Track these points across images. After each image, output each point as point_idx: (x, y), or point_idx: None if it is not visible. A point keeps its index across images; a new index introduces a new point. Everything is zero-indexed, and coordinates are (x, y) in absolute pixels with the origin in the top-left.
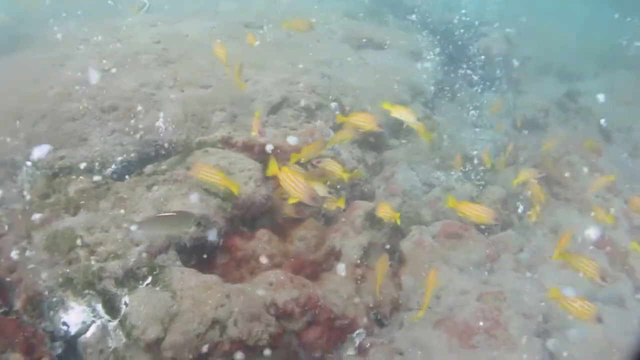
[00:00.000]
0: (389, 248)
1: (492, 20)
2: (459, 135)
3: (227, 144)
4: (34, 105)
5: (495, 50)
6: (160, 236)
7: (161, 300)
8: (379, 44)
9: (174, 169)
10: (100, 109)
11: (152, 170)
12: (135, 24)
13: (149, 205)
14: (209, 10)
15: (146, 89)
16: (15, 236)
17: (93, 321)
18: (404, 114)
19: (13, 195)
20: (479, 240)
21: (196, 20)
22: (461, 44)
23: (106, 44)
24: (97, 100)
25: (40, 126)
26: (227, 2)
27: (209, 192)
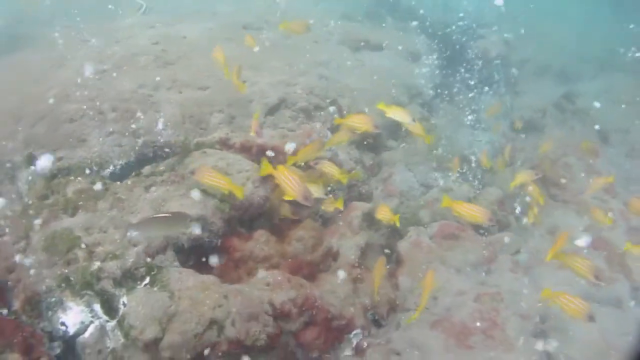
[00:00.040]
0: (386, 248)
1: (491, 22)
2: (457, 137)
3: (225, 145)
4: (32, 107)
5: (493, 52)
6: (158, 237)
7: (159, 301)
8: (377, 45)
9: (172, 170)
10: (99, 110)
11: (150, 171)
12: (133, 25)
13: (147, 206)
14: (207, 11)
15: (144, 90)
16: (14, 237)
17: (91, 321)
18: (400, 114)
19: (12, 196)
20: (476, 241)
21: (194, 22)
22: (459, 46)
23: (105, 45)
24: (96, 101)
25: (39, 127)
26: (225, 4)
27: (207, 193)
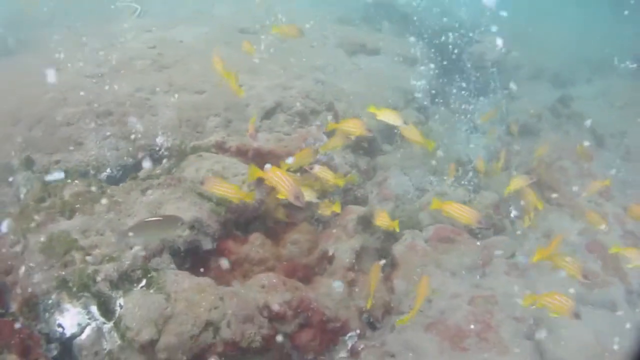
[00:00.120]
0: (381, 252)
1: (487, 25)
2: (453, 141)
3: (221, 148)
4: (29, 110)
5: (488, 56)
6: (153, 240)
7: (155, 303)
8: (373, 49)
9: (168, 173)
10: (96, 113)
11: (147, 175)
12: (130, 29)
13: (143, 209)
14: (204, 15)
15: (141, 94)
16: (12, 239)
17: (88, 323)
18: (390, 117)
19: (9, 198)
20: (472, 245)
21: (191, 26)
22: (455, 50)
23: (102, 49)
24: (93, 105)
25: (36, 130)
26: (222, 7)
27: (203, 196)
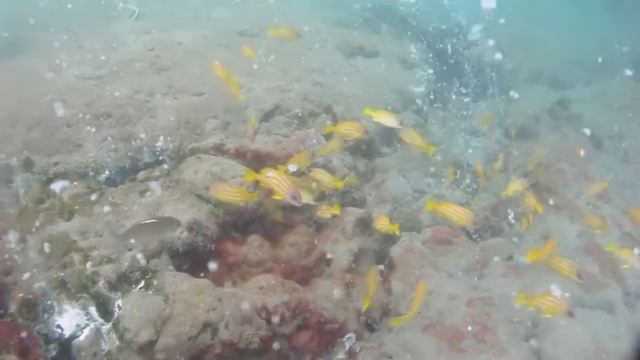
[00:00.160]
0: (379, 254)
1: (485, 27)
2: (451, 143)
3: (220, 150)
4: (28, 111)
5: (486, 59)
6: (150, 242)
7: (154, 304)
8: (372, 52)
9: (167, 175)
10: (95, 115)
11: (145, 176)
12: (129, 31)
13: (141, 210)
14: (202, 17)
15: (140, 96)
16: (11, 240)
17: (87, 324)
18: (386, 118)
19: (8, 199)
20: (469, 247)
21: (189, 28)
22: (453, 52)
23: (101, 51)
24: (92, 107)
25: (35, 132)
26: (220, 10)
27: (201, 198)
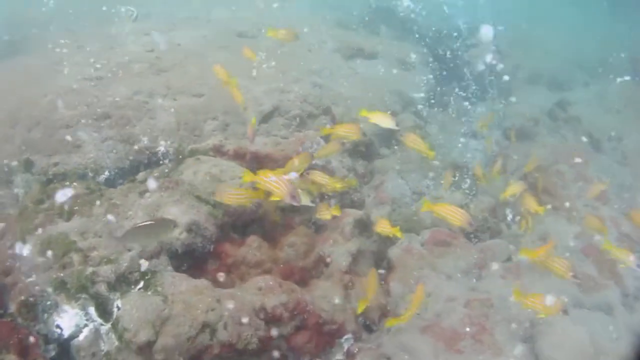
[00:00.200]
0: (377, 255)
1: (484, 29)
2: (450, 145)
3: (219, 152)
4: (28, 112)
5: (485, 60)
6: (148, 244)
7: (153, 304)
8: (371, 54)
9: (166, 176)
10: (94, 116)
11: (145, 177)
12: (129, 32)
13: (141, 211)
14: (202, 18)
15: (139, 97)
16: (10, 240)
17: (86, 324)
18: (383, 119)
19: (8, 200)
20: (467, 248)
21: (189, 29)
22: (452, 54)
23: (100, 52)
24: (91, 108)
25: (35, 132)
26: (220, 11)
27: (200, 199)
